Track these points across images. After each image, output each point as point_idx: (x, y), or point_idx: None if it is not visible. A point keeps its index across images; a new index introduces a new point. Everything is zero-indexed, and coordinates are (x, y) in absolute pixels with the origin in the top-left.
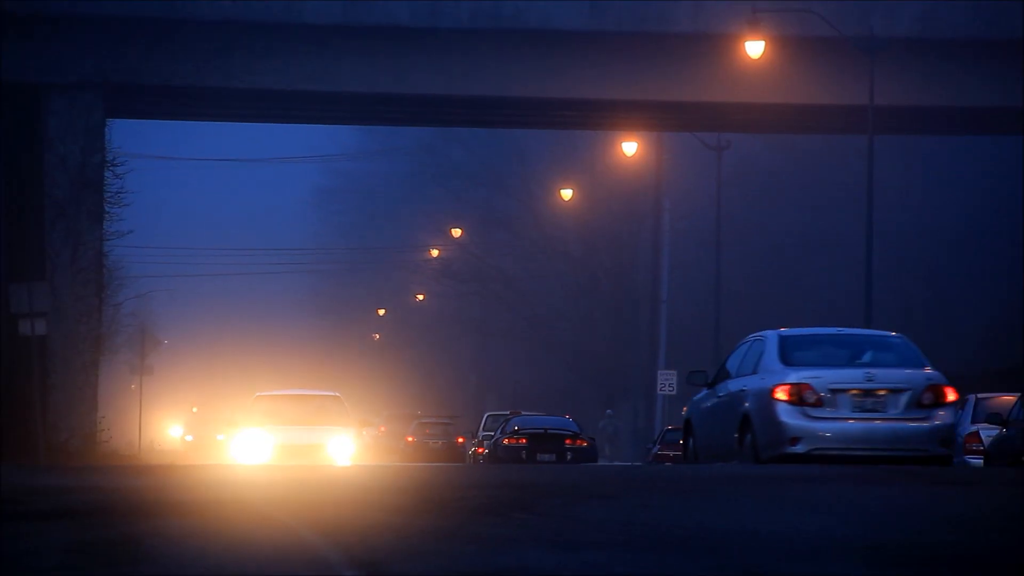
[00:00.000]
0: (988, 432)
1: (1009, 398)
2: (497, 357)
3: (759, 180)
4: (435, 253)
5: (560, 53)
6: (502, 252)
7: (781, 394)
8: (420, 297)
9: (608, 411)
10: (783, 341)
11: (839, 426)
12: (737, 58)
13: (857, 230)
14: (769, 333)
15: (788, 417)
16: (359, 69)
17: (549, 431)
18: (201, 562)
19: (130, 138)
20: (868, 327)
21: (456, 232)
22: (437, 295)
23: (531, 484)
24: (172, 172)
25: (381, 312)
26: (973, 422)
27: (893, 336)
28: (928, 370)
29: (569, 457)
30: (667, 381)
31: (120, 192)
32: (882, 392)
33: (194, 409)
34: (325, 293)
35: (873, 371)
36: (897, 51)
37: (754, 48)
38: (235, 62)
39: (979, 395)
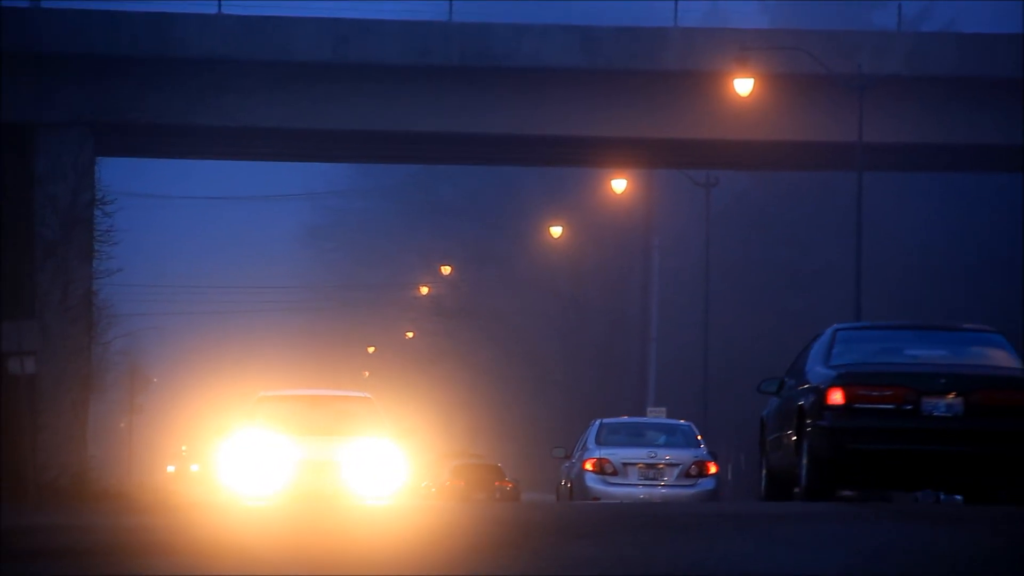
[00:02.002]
0: None
1: None
2: (487, 394)
3: (748, 216)
4: (425, 290)
5: (550, 90)
6: (492, 290)
7: (588, 466)
8: (410, 334)
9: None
10: (601, 427)
11: (628, 490)
12: (726, 95)
13: (846, 265)
14: (596, 420)
15: (592, 483)
16: (350, 107)
17: (483, 475)
18: None
19: (120, 176)
20: None
21: (446, 269)
22: (428, 333)
23: (522, 521)
24: (162, 210)
25: (371, 350)
26: None
27: (682, 423)
28: (700, 449)
29: (497, 496)
30: None
31: (110, 230)
32: (661, 465)
33: (184, 448)
34: (315, 331)
35: (656, 450)
36: (886, 88)
37: (743, 85)
38: (225, 100)
39: None
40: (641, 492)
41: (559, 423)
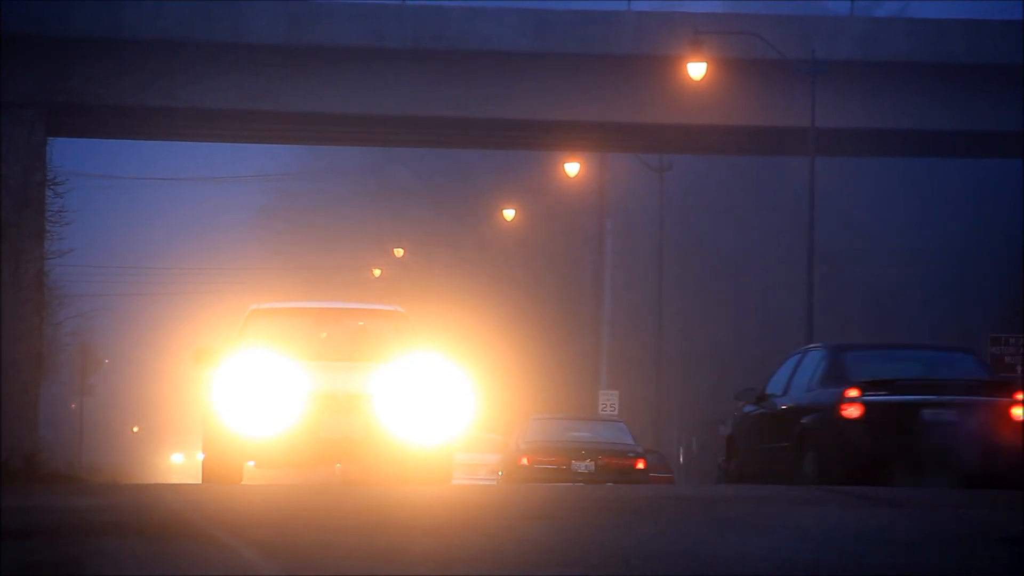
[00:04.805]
0: None
1: None
2: None
3: (702, 201)
4: (378, 272)
5: (504, 73)
6: (445, 272)
7: None
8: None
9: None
10: None
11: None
12: (680, 79)
13: (799, 249)
14: None
15: None
16: (303, 89)
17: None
18: None
19: (72, 157)
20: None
21: (399, 252)
22: None
23: (475, 504)
24: (114, 191)
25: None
26: None
27: (492, 435)
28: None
29: None
30: (608, 401)
31: (61, 211)
32: (477, 464)
33: (135, 429)
34: None
35: (474, 455)
36: (839, 74)
37: (696, 69)
38: (178, 82)
39: None
40: (465, 481)
41: (511, 406)
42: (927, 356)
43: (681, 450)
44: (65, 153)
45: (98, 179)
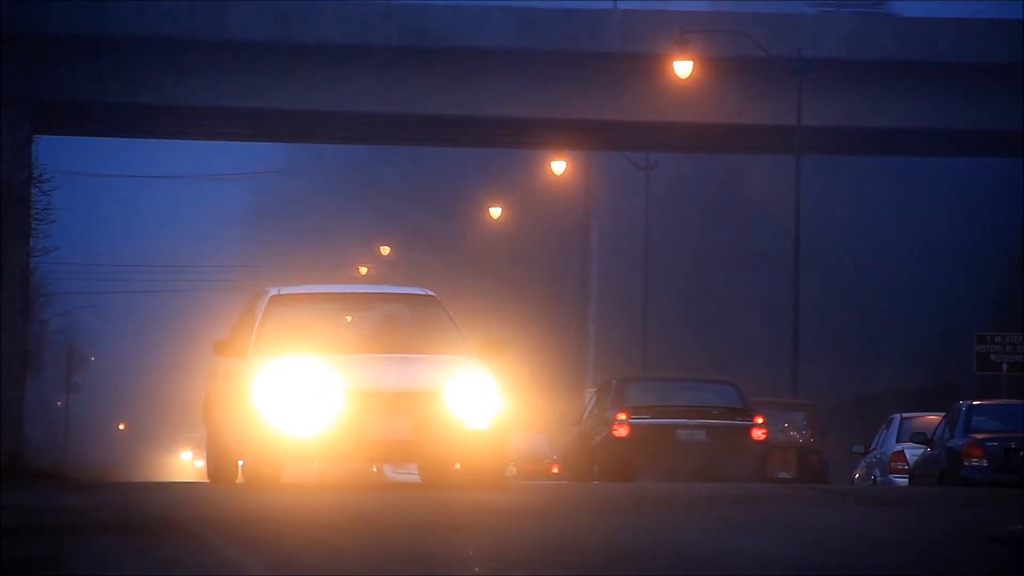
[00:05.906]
0: (913, 451)
1: (934, 417)
2: None
3: (687, 199)
4: (364, 270)
5: (490, 71)
6: (431, 270)
7: None
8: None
9: None
10: None
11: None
12: (666, 77)
13: (785, 248)
14: None
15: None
16: (288, 87)
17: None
18: None
19: (58, 154)
20: (795, 346)
21: (385, 249)
22: None
23: (461, 504)
24: (100, 189)
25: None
26: (898, 441)
27: None
28: None
29: None
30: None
31: (47, 209)
32: None
33: (120, 427)
34: None
35: None
36: (824, 72)
37: (682, 68)
38: (163, 79)
39: (904, 414)
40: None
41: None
42: (695, 387)
43: None
44: (50, 150)
45: (84, 177)
